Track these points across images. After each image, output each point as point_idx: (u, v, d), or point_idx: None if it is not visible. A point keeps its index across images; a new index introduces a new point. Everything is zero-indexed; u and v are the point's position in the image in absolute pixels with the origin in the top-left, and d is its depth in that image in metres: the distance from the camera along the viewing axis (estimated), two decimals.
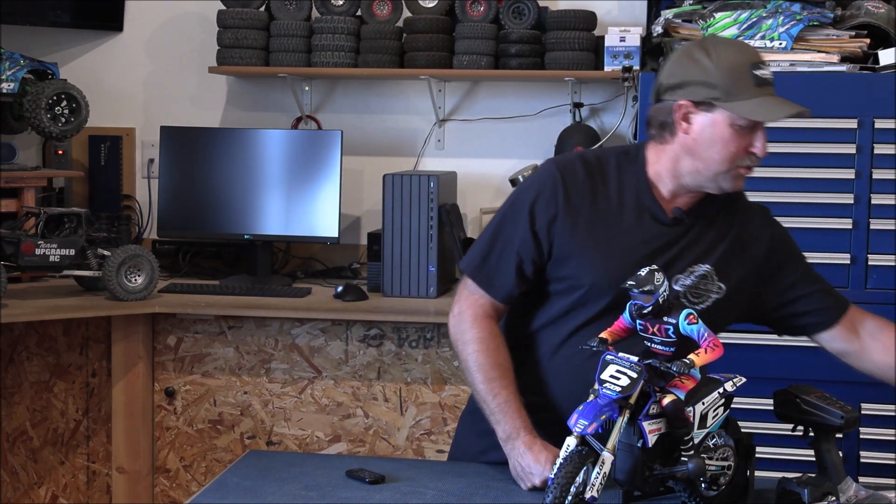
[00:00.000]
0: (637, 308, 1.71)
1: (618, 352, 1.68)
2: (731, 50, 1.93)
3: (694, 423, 1.67)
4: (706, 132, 1.91)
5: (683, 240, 2.00)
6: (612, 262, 1.96)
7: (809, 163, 3.00)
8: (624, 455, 1.65)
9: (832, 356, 3.02)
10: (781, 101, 1.91)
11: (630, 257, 1.95)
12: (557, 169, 2.02)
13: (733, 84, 1.88)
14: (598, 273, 1.97)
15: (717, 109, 1.89)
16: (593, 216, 1.99)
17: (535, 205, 2.01)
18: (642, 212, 2.00)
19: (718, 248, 2.01)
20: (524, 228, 2.01)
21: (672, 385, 1.67)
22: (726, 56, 1.90)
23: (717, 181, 1.96)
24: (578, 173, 2.01)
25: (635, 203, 2.00)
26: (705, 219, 2.02)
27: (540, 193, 2.01)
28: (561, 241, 2.00)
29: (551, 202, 2.00)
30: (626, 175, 2.02)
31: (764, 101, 1.89)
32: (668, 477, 1.68)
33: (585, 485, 1.56)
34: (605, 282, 1.96)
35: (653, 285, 1.67)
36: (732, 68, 1.89)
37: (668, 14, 3.22)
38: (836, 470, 1.79)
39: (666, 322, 1.69)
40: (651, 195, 2.00)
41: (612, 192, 2.01)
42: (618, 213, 1.99)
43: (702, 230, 2.01)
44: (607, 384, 1.61)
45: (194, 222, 3.85)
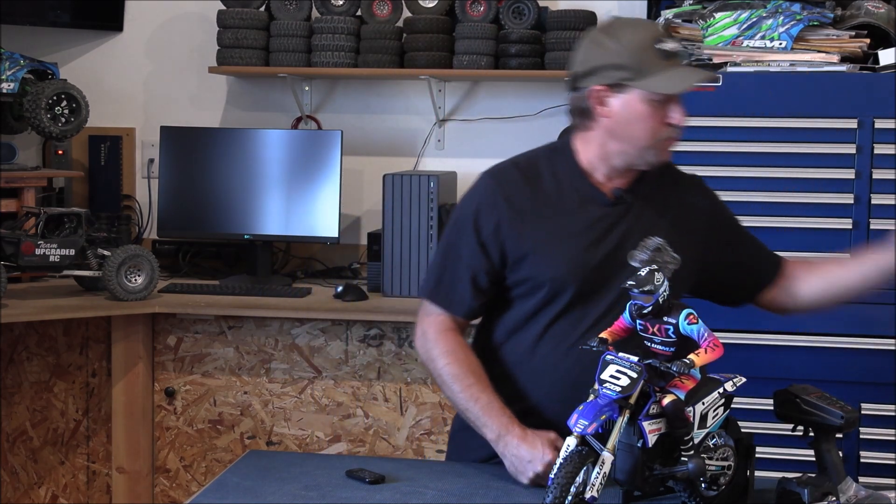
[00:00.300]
0: (637, 308, 1.71)
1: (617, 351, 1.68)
2: (634, 29, 1.98)
3: (694, 423, 1.67)
4: (624, 112, 1.96)
5: (628, 218, 2.05)
6: (566, 253, 2.01)
7: (809, 163, 3.00)
8: (624, 455, 1.65)
9: (832, 356, 3.04)
10: (689, 70, 1.99)
11: (581, 243, 2.01)
12: (492, 178, 2.07)
13: (640, 62, 1.93)
14: (556, 266, 2.01)
15: (630, 89, 1.94)
16: (537, 214, 2.03)
17: (477, 216, 2.04)
18: (583, 199, 2.04)
19: (663, 221, 2.06)
20: (472, 242, 2.04)
21: (672, 385, 1.66)
22: (630, 36, 1.96)
23: (645, 157, 2.01)
24: (513, 177, 2.06)
25: (574, 192, 2.05)
26: (645, 195, 2.07)
27: (480, 204, 2.05)
28: (511, 244, 2.03)
29: (493, 210, 2.03)
30: (559, 169, 2.07)
31: (671, 74, 1.94)
32: (668, 477, 1.68)
33: (585, 485, 1.56)
34: (565, 273, 2.00)
35: (653, 285, 1.67)
36: (637, 47, 1.94)
37: (668, 14, 3.21)
38: (836, 470, 1.79)
39: (666, 322, 1.69)
40: (587, 182, 2.05)
41: (550, 187, 2.05)
42: (559, 205, 2.04)
43: (644, 206, 2.06)
44: (607, 384, 1.61)
45: (194, 222, 3.85)
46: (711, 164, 3.02)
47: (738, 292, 2.22)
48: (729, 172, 3.02)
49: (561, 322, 2.02)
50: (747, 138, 3.01)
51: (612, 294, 2.01)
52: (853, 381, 2.98)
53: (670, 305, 1.70)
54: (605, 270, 2.01)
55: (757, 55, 3.06)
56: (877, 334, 2.98)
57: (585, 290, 2.01)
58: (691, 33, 3.15)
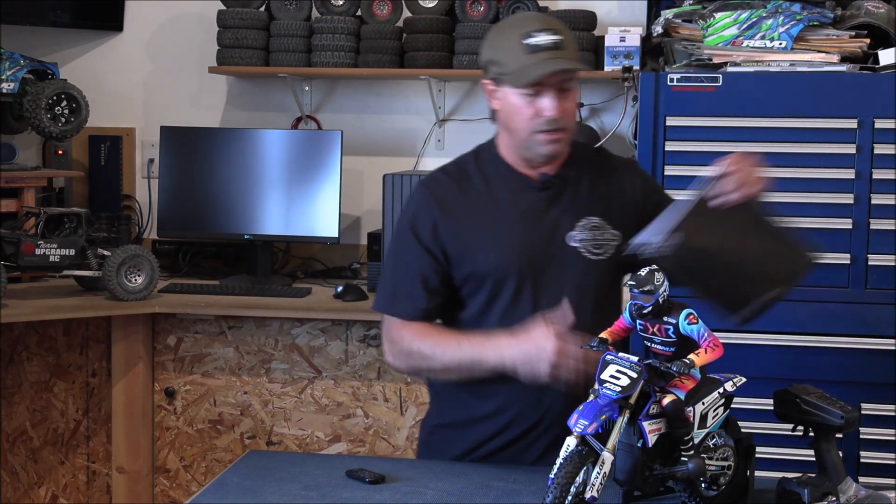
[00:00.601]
0: (637, 308, 1.71)
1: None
2: (510, 24, 2.07)
3: (694, 423, 1.67)
4: (505, 106, 2.05)
5: (560, 200, 2.09)
6: (502, 242, 2.06)
7: (809, 163, 2.99)
8: (624, 455, 1.65)
9: (832, 356, 3.04)
10: (549, 61, 1.99)
11: (516, 231, 2.06)
12: (423, 186, 2.15)
13: (508, 56, 2.01)
14: (494, 256, 2.06)
15: (504, 83, 2.03)
16: (469, 211, 2.09)
17: (414, 224, 2.11)
18: (511, 188, 2.10)
19: (598, 201, 2.10)
20: (414, 247, 2.10)
21: (672, 385, 1.67)
22: (505, 31, 2.05)
23: (531, 148, 2.06)
24: (442, 180, 2.14)
25: (502, 183, 2.11)
26: (574, 178, 2.11)
27: (415, 212, 2.12)
28: (450, 243, 2.08)
29: (427, 214, 2.10)
30: (485, 165, 2.14)
31: (532, 66, 1.98)
32: (668, 477, 1.68)
33: (585, 485, 1.56)
34: (504, 261, 2.04)
35: (653, 285, 1.67)
36: (507, 42, 2.02)
37: (668, 14, 3.21)
38: (836, 470, 1.79)
39: (666, 322, 1.69)
40: (514, 172, 2.11)
41: (479, 184, 2.12)
42: (490, 199, 2.10)
43: (576, 189, 2.11)
44: (607, 384, 1.61)
45: (194, 222, 3.85)
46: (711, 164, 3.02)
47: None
48: None
49: (513, 312, 2.05)
50: (747, 138, 3.01)
51: (559, 277, 2.05)
52: (853, 381, 2.98)
53: (670, 305, 1.70)
54: (545, 254, 2.05)
55: (757, 55, 3.06)
56: (877, 334, 2.98)
57: (529, 276, 2.05)
58: (691, 33, 3.15)
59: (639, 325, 1.73)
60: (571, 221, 2.07)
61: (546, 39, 1.99)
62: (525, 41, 1.99)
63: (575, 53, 2.04)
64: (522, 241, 2.06)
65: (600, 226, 2.07)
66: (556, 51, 1.99)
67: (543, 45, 1.99)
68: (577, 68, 2.02)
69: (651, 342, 1.72)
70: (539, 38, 1.99)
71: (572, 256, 2.06)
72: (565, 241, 2.05)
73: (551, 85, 2.00)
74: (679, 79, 3.01)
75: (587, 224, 2.06)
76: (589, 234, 2.06)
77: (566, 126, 2.04)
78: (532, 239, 2.06)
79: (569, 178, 2.11)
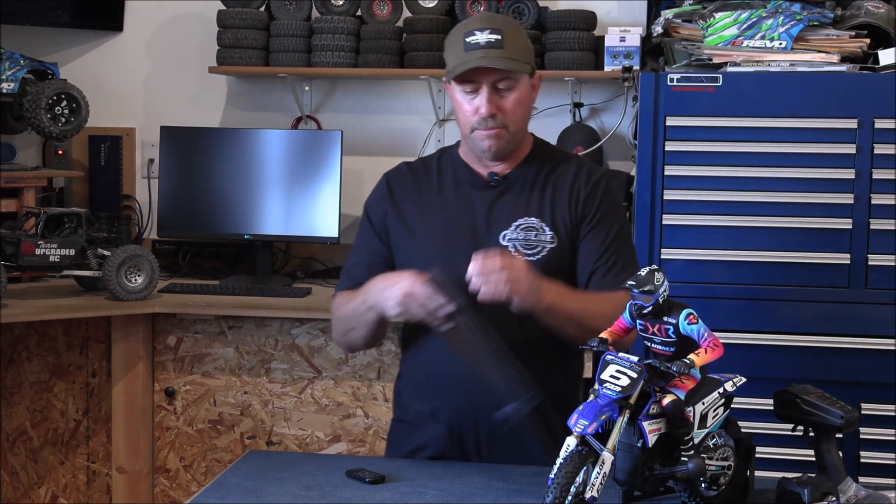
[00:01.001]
0: (637, 308, 1.71)
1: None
2: (462, 24, 2.12)
3: (694, 423, 1.67)
4: (453, 103, 2.15)
5: (503, 199, 2.14)
6: (437, 235, 2.13)
7: (809, 163, 3.00)
8: (624, 455, 1.65)
9: (832, 356, 3.04)
10: (480, 59, 2.03)
11: (451, 225, 2.12)
12: (385, 176, 2.26)
13: (452, 55, 2.08)
14: (425, 247, 2.13)
15: (449, 81, 2.10)
16: (416, 203, 2.19)
17: (370, 210, 2.25)
18: (460, 185, 2.18)
19: (541, 204, 2.13)
20: (370, 232, 2.23)
21: (672, 385, 1.66)
22: (456, 31, 2.11)
23: (474, 144, 2.12)
24: (403, 172, 2.25)
25: (454, 180, 2.19)
26: (524, 180, 2.15)
27: (372, 199, 2.25)
28: (394, 231, 2.19)
29: (380, 202, 2.22)
30: (445, 163, 2.22)
31: (463, 64, 2.04)
32: (668, 477, 1.68)
33: (585, 485, 1.56)
34: (432, 254, 2.10)
35: (653, 285, 1.67)
36: (454, 41, 2.09)
37: (668, 14, 3.22)
38: (836, 470, 1.79)
39: (666, 322, 1.69)
40: (467, 170, 2.18)
41: (433, 179, 2.20)
42: (440, 195, 2.18)
43: (522, 189, 2.15)
44: (607, 384, 1.61)
45: (194, 222, 3.85)
46: (711, 164, 3.02)
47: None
48: (729, 172, 3.02)
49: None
50: (747, 138, 3.01)
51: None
52: (853, 381, 2.98)
53: (670, 305, 1.70)
54: (474, 249, 2.04)
55: (757, 55, 3.06)
56: (877, 334, 2.98)
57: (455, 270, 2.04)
58: (691, 33, 3.15)
59: (639, 325, 1.73)
60: (508, 220, 2.11)
61: (482, 38, 2.04)
62: (465, 39, 2.05)
63: (516, 53, 2.05)
64: (454, 235, 2.12)
65: (537, 227, 2.10)
66: (491, 49, 2.03)
67: (478, 44, 2.04)
68: (498, 67, 2.03)
69: (651, 342, 1.72)
70: (476, 36, 2.04)
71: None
72: (499, 240, 2.10)
73: (488, 83, 2.05)
74: (679, 79, 3.01)
75: (523, 224, 2.11)
76: (522, 234, 2.10)
77: (506, 124, 2.08)
78: (465, 234, 2.11)
79: (518, 179, 2.15)
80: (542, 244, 2.10)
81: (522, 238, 2.10)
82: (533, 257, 2.08)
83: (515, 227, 2.11)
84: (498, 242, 2.09)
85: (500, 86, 2.06)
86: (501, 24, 2.07)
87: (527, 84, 2.11)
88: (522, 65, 2.07)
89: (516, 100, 2.08)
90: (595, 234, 2.13)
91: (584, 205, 2.13)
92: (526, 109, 2.13)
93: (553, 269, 2.08)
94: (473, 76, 2.05)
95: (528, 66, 2.10)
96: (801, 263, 3.00)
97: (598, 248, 2.12)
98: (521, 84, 2.08)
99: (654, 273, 1.69)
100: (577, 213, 2.13)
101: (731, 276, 3.03)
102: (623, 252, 2.14)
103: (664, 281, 1.70)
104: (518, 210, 2.12)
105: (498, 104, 2.06)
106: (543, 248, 2.09)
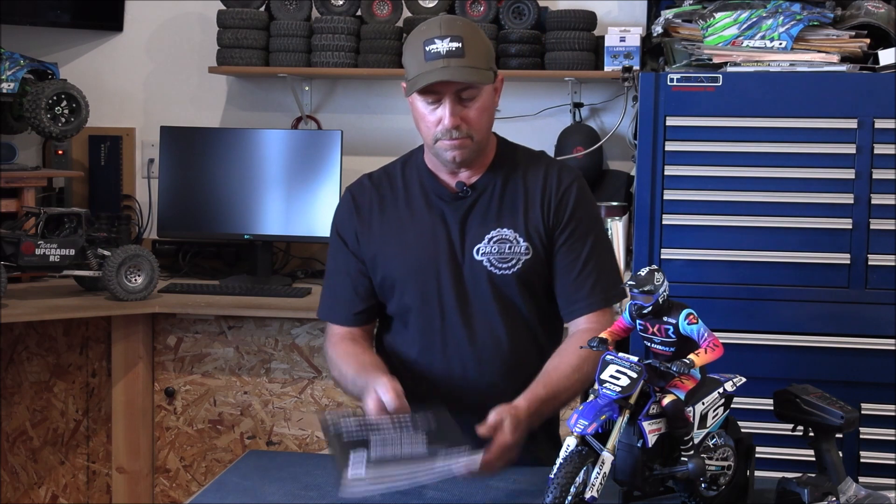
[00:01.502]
0: (637, 308, 1.71)
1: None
2: (420, 29, 2.01)
3: (694, 423, 1.67)
4: (413, 113, 2.06)
5: (473, 211, 2.08)
6: (412, 252, 2.08)
7: (809, 163, 2.99)
8: (624, 455, 1.65)
9: (832, 356, 3.04)
10: (442, 70, 1.94)
11: (423, 239, 2.07)
12: (348, 191, 2.19)
13: (411, 63, 2.00)
14: (401, 263, 2.08)
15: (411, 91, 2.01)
16: (384, 218, 2.12)
17: (339, 230, 2.17)
18: (428, 196, 2.11)
19: (516, 212, 2.07)
20: (344, 252, 2.15)
21: (672, 385, 1.66)
22: (414, 37, 2.01)
23: (437, 155, 2.06)
24: (365, 187, 2.17)
25: (421, 192, 2.12)
26: (493, 188, 2.09)
27: (339, 219, 2.17)
28: (366, 249, 2.13)
29: (349, 221, 2.15)
30: (409, 172, 2.16)
31: (424, 75, 1.95)
32: (668, 477, 1.68)
33: (585, 485, 1.56)
34: (412, 272, 2.07)
35: (653, 285, 1.67)
36: (413, 48, 1.99)
37: (668, 14, 3.21)
38: (836, 470, 1.79)
39: (666, 322, 1.69)
40: (434, 180, 2.11)
41: (399, 191, 2.14)
42: (407, 207, 2.12)
43: (492, 197, 2.08)
44: (607, 384, 1.61)
45: (194, 222, 3.85)
46: (711, 164, 3.02)
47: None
48: (729, 172, 3.02)
49: (421, 321, 2.09)
50: (747, 138, 3.01)
51: (463, 289, 2.06)
52: (853, 381, 2.98)
53: (670, 305, 1.70)
54: (450, 265, 2.06)
55: (757, 55, 3.05)
56: (877, 334, 2.98)
57: (434, 287, 2.07)
58: (691, 33, 3.15)
59: (639, 325, 1.73)
60: (481, 233, 2.06)
61: (442, 46, 1.95)
62: (425, 47, 1.96)
63: (477, 60, 1.96)
64: (430, 252, 2.07)
65: (510, 239, 2.05)
66: (452, 58, 1.94)
67: (438, 53, 1.95)
68: (459, 80, 1.94)
69: (651, 342, 1.72)
70: (436, 44, 1.95)
71: (478, 269, 2.06)
72: (473, 254, 2.06)
73: (451, 93, 1.97)
74: (679, 79, 3.01)
75: (496, 236, 2.06)
76: (496, 247, 2.05)
77: (470, 134, 2.00)
78: (440, 250, 2.07)
79: (487, 187, 2.09)
80: (517, 256, 2.05)
81: (496, 252, 2.05)
82: (508, 271, 2.05)
83: (489, 239, 2.06)
84: (473, 257, 2.05)
85: (462, 95, 1.98)
86: (461, 29, 1.98)
87: (489, 90, 2.02)
88: (485, 73, 1.99)
89: (480, 108, 2.00)
90: (570, 248, 2.07)
91: (556, 212, 2.07)
92: (490, 116, 2.05)
93: (529, 279, 2.06)
94: (435, 87, 1.97)
95: (491, 72, 2.02)
96: (801, 263, 2.99)
97: (574, 262, 2.07)
98: (484, 91, 2.01)
99: (654, 273, 1.69)
100: (549, 220, 2.07)
101: (731, 276, 3.02)
102: (601, 262, 2.08)
103: (664, 281, 1.70)
104: (489, 221, 2.07)
105: (461, 114, 1.99)
106: (518, 260, 2.05)
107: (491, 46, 2.06)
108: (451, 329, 2.07)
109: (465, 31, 1.97)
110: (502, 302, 2.07)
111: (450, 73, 1.93)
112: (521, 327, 2.09)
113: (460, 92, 1.98)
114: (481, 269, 2.06)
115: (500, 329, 2.07)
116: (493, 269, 2.05)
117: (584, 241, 2.07)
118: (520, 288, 2.07)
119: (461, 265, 2.07)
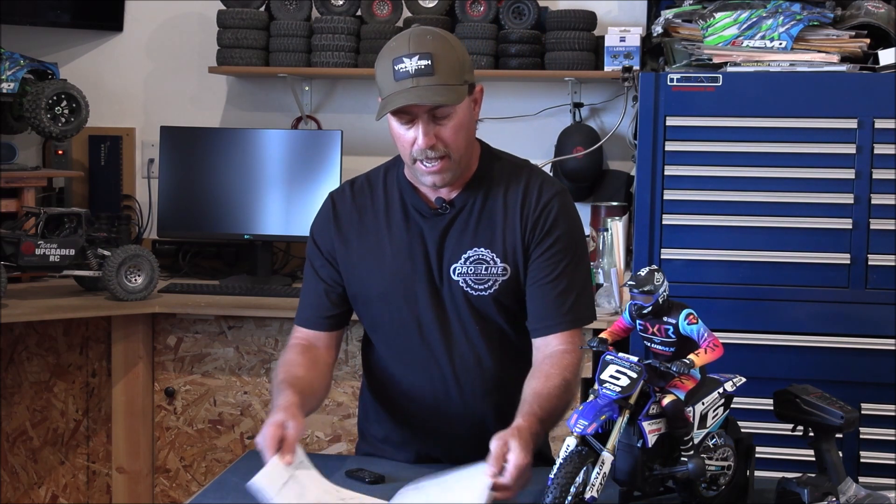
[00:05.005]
0: (637, 308, 1.71)
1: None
2: (390, 46, 1.93)
3: (694, 423, 1.67)
4: (391, 132, 1.97)
5: (452, 229, 2.03)
6: (388, 269, 2.03)
7: (809, 163, 3.00)
8: (624, 455, 1.65)
9: (832, 356, 3.04)
10: (410, 90, 1.87)
11: (401, 257, 2.02)
12: (330, 198, 2.13)
13: (382, 82, 1.92)
14: (378, 279, 2.04)
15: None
16: (362, 231, 2.07)
17: (316, 237, 2.12)
18: (407, 210, 2.05)
19: (494, 231, 2.02)
20: (319, 258, 2.11)
21: (672, 385, 1.67)
22: (384, 55, 1.93)
23: (415, 175, 2.00)
24: (346, 195, 2.11)
25: (401, 204, 2.06)
26: (472, 205, 2.03)
27: (317, 225, 2.13)
28: (342, 262, 2.09)
29: (326, 229, 2.10)
30: (391, 183, 2.08)
31: (393, 96, 1.88)
32: (668, 477, 1.68)
33: (585, 485, 1.57)
34: (386, 286, 2.04)
35: (652, 285, 1.67)
36: (383, 66, 1.92)
37: (668, 14, 3.22)
38: (836, 470, 1.79)
39: (666, 322, 1.69)
40: (414, 194, 2.05)
41: (379, 203, 2.07)
42: (386, 220, 2.06)
43: (471, 214, 2.03)
44: (607, 384, 1.62)
45: (194, 222, 3.85)
46: (711, 164, 3.02)
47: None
48: (729, 172, 3.02)
49: (396, 338, 2.07)
50: (747, 138, 3.01)
51: (440, 309, 2.02)
52: (853, 381, 2.98)
53: (670, 305, 1.70)
54: (427, 285, 2.02)
55: (757, 55, 3.06)
56: (877, 334, 2.98)
57: (410, 306, 2.03)
58: (691, 33, 3.16)
59: (639, 325, 1.73)
60: (458, 252, 2.01)
61: (411, 65, 1.87)
62: (394, 66, 1.88)
63: (448, 76, 1.88)
64: (406, 270, 2.02)
65: (487, 259, 1.99)
66: (422, 77, 1.86)
67: (407, 72, 1.87)
68: (427, 103, 1.87)
69: (651, 342, 1.72)
70: (405, 63, 1.87)
71: (455, 289, 2.01)
72: (450, 273, 2.01)
73: (422, 112, 1.89)
74: (679, 79, 3.01)
75: (473, 256, 2.00)
76: (472, 268, 1.99)
77: (448, 153, 1.93)
78: (417, 269, 2.02)
79: (466, 204, 2.02)
80: (493, 277, 1.99)
81: (473, 272, 1.99)
82: (485, 292, 2.00)
83: (465, 259, 2.00)
84: (450, 277, 2.00)
85: (436, 114, 1.90)
86: (431, 45, 1.88)
87: (465, 105, 1.93)
88: (457, 89, 1.90)
89: (455, 126, 1.92)
90: (546, 262, 2.00)
91: (533, 226, 2.00)
92: (468, 132, 1.97)
93: (505, 299, 2.01)
94: (407, 108, 1.89)
95: (464, 86, 1.92)
96: (801, 263, 3.00)
97: (548, 278, 1.99)
98: (460, 107, 1.92)
99: (654, 273, 1.69)
100: (527, 236, 2.00)
101: (731, 276, 3.03)
102: (577, 281, 2.01)
103: (664, 281, 1.70)
104: (466, 240, 2.00)
105: (436, 132, 1.91)
106: (495, 281, 1.99)
107: (466, 58, 1.96)
108: (431, 348, 2.03)
109: (435, 46, 1.89)
110: (482, 322, 2.02)
111: (418, 95, 1.86)
112: (503, 345, 2.05)
113: (433, 111, 1.90)
114: (458, 290, 2.01)
115: (481, 347, 2.03)
116: (469, 290, 2.00)
117: (560, 257, 2.00)
118: (497, 308, 2.02)
119: (439, 286, 2.02)
